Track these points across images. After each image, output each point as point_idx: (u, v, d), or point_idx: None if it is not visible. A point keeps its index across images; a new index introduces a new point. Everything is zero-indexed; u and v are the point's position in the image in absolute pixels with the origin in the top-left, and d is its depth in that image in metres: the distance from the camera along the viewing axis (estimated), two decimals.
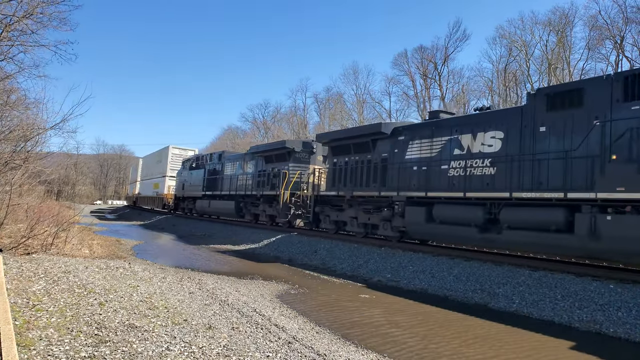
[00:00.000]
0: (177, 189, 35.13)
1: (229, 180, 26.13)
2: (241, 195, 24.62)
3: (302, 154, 21.16)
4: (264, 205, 22.45)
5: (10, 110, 13.84)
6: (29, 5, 12.28)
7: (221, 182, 27.01)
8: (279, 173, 21.15)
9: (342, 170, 17.17)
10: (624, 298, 8.41)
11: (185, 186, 32.65)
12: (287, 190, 20.07)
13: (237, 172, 25.60)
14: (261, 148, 24.07)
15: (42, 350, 4.43)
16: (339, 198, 17.22)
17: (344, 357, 5.68)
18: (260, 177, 22.84)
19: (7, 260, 9.20)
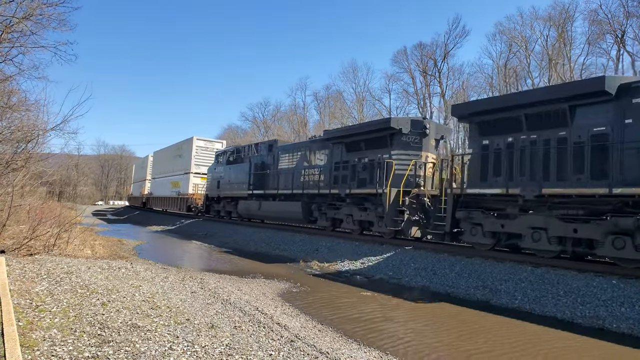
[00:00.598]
0: (209, 188, 29.15)
1: (289, 175, 20.66)
2: (310, 194, 19.21)
3: (411, 137, 15.46)
4: (351, 207, 16.82)
5: (11, 112, 13.86)
6: (28, 7, 12.28)
7: (276, 178, 21.62)
8: (373, 164, 15.98)
9: (504, 156, 11.91)
10: (627, 293, 8.41)
11: (222, 184, 27.00)
12: (396, 188, 14.59)
13: (299, 165, 20.25)
14: (341, 132, 18.44)
15: (45, 350, 4.44)
16: (503, 199, 11.86)
17: (347, 354, 5.69)
18: (339, 170, 17.61)
19: (9, 262, 9.22)
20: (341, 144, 17.89)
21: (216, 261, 15.42)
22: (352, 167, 17.05)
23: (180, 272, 11.36)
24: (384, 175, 15.01)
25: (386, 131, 15.53)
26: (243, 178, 24.33)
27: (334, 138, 18.23)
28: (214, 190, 28.31)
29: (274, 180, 21.73)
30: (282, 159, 21.79)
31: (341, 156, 17.79)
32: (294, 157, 20.99)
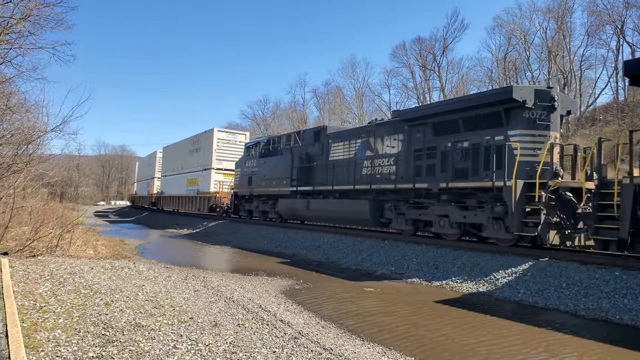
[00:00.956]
0: (238, 185, 25.10)
1: (345, 168, 16.86)
2: (380, 190, 15.43)
3: (536, 112, 11.72)
4: (447, 206, 13.05)
5: (10, 113, 13.87)
6: (26, 8, 12.27)
7: (327, 171, 17.76)
8: (478, 150, 12.35)
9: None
10: (629, 285, 8.40)
11: (255, 180, 23.10)
12: (524, 180, 11.07)
13: (359, 155, 16.45)
14: (424, 110, 14.76)
15: (50, 351, 4.45)
16: None
17: (350, 350, 5.70)
18: (422, 159, 13.75)
19: (13, 263, 9.25)
20: (423, 125, 13.93)
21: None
22: (442, 154, 13.27)
23: (183, 271, 11.38)
24: (504, 163, 11.23)
25: (501, 105, 11.79)
26: (283, 172, 20.45)
27: (414, 119, 14.25)
28: (244, 188, 24.29)
29: (325, 174, 18.05)
30: (335, 148, 17.90)
31: (424, 141, 13.86)
32: (351, 146, 17.09)
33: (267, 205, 22.56)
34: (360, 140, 16.64)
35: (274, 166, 21.46)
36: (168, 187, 39.72)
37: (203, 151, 32.08)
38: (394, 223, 14.92)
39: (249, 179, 23.71)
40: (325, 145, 18.56)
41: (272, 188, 21.55)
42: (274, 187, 21.28)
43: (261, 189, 22.60)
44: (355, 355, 5.49)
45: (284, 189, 20.39)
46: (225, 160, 30.26)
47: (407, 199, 14.50)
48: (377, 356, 5.68)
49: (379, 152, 15.71)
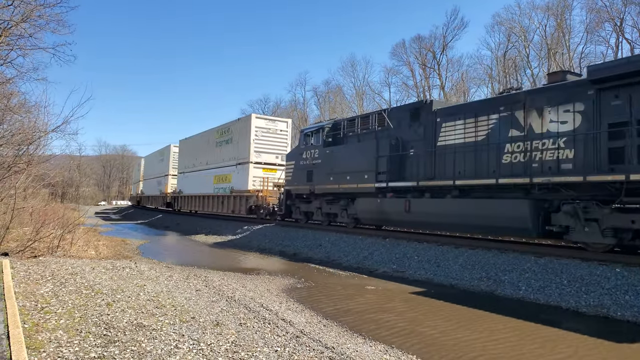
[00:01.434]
0: (292, 181, 20.25)
1: (475, 154, 12.43)
2: (548, 186, 10.76)
3: None
4: None
5: (11, 114, 13.87)
6: (26, 9, 12.27)
7: (441, 161, 13.47)
8: None
9: None
10: (631, 281, 8.40)
11: (317, 175, 18.29)
12: None
13: (497, 135, 11.97)
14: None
15: (51, 352, 4.45)
16: None
17: (352, 349, 5.70)
18: (627, 138, 9.37)
19: (14, 264, 9.26)
20: (631, 86, 9.37)
21: None
22: None
23: (184, 270, 11.39)
24: None
25: None
26: (362, 164, 15.82)
27: (611, 78, 9.62)
28: (301, 185, 19.38)
29: (431, 164, 13.70)
30: (448, 129, 13.33)
31: (631, 111, 9.33)
32: (478, 125, 12.47)
33: (335, 206, 17.76)
34: (498, 116, 11.99)
35: (348, 156, 16.80)
36: (188, 185, 34.38)
37: (236, 142, 26.98)
38: (574, 233, 10.24)
39: (308, 174, 18.77)
40: (430, 126, 13.96)
41: (344, 184, 16.62)
42: (348, 183, 16.45)
43: (327, 186, 17.58)
44: (357, 354, 5.49)
45: (365, 185, 15.74)
46: (265, 153, 25.48)
47: (598, 197, 9.87)
48: (379, 354, 5.68)
49: (536, 130, 11.10)
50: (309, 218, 19.89)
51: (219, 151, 29.47)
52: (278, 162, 25.43)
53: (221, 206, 28.01)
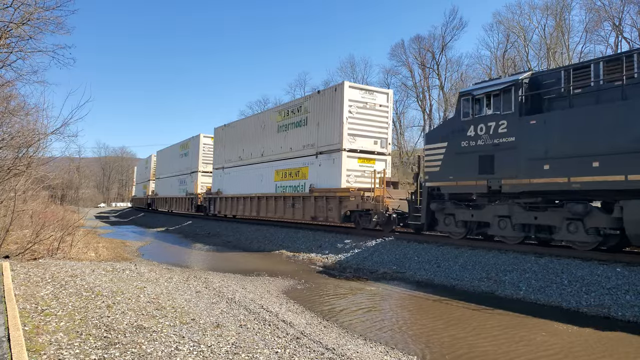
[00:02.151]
0: (444, 172, 12.97)
1: None
2: None
3: None
4: None
5: (10, 116, 13.86)
6: (25, 12, 12.27)
7: None
8: None
9: None
10: (631, 281, 8.40)
11: (507, 161, 11.24)
12: None
13: None
14: None
15: (52, 354, 4.45)
16: None
17: (353, 350, 5.70)
18: None
19: (14, 266, 9.25)
20: None
21: None
22: None
23: (184, 272, 11.38)
24: None
25: None
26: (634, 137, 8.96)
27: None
28: (463, 178, 12.41)
29: None
30: None
31: None
32: None
33: (550, 215, 10.79)
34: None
35: (593, 127, 9.63)
36: (231, 184, 27.18)
37: (315, 124, 19.34)
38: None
39: (483, 161, 11.86)
40: None
41: (586, 177, 9.66)
42: (596, 175, 9.52)
43: (537, 180, 10.65)
44: (358, 355, 5.48)
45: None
46: (361, 137, 17.93)
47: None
48: (379, 355, 5.68)
49: None
50: (469, 231, 12.95)
51: (284, 138, 21.96)
52: (378, 149, 18.29)
53: (291, 210, 20.52)
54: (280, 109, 22.93)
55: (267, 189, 22.85)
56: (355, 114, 17.73)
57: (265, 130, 23.89)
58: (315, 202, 18.75)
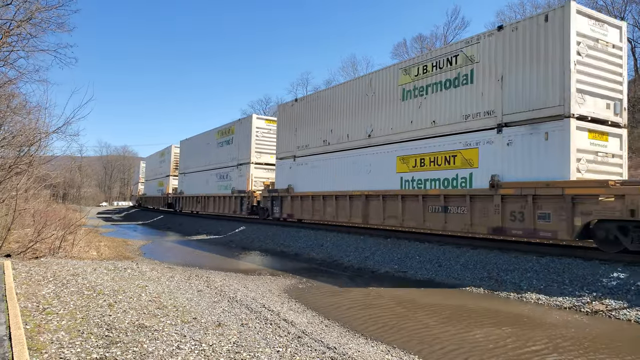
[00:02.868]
0: None
1: None
2: None
3: None
4: None
5: (12, 115, 13.89)
6: (27, 10, 12.29)
7: None
8: None
9: None
10: (633, 281, 8.38)
11: None
12: None
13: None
14: None
15: (53, 353, 4.45)
16: None
17: (354, 349, 5.69)
18: None
19: (15, 265, 9.26)
20: None
21: None
22: None
23: (186, 271, 11.39)
24: None
25: None
26: None
27: None
28: None
29: None
30: None
31: None
32: None
33: None
34: None
35: None
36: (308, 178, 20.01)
37: (494, 78, 12.21)
38: None
39: None
40: None
41: None
42: None
43: None
44: (359, 354, 5.48)
45: None
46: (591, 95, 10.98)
47: None
48: (380, 354, 5.67)
49: None
50: None
51: (417, 107, 14.58)
52: (611, 117, 11.43)
53: (441, 217, 13.24)
54: (415, 63, 14.87)
55: (381, 184, 15.74)
56: (584, 57, 10.87)
57: (375, 98, 16.48)
58: (504, 206, 11.57)
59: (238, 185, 26.86)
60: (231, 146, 28.54)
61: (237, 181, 27.04)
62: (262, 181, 25.32)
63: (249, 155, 25.99)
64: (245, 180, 25.95)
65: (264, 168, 25.99)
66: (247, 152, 26.22)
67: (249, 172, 25.84)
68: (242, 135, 27.22)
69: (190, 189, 34.55)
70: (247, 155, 26.20)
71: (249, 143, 26.08)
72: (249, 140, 26.17)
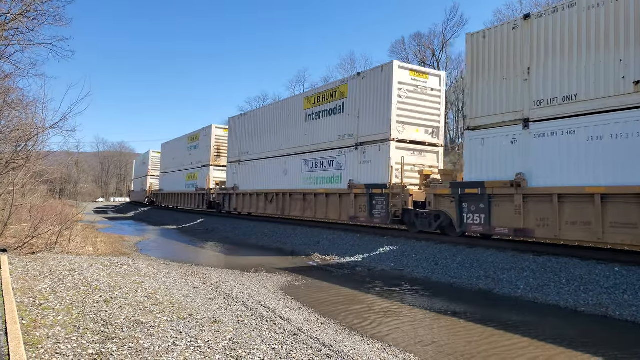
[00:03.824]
0: None
1: None
2: None
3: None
4: None
5: (9, 110, 13.83)
6: (24, 3, 12.22)
7: None
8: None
9: None
10: (630, 280, 8.41)
11: None
12: None
13: None
14: None
15: (49, 348, 4.45)
16: None
17: (350, 347, 5.70)
18: None
19: (12, 260, 9.24)
20: None
21: None
22: None
23: (182, 267, 11.38)
24: None
25: None
26: None
27: None
28: None
29: None
30: None
31: None
32: None
33: None
34: None
35: None
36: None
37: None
38: None
39: None
40: None
41: None
42: None
43: None
44: (355, 352, 5.49)
45: None
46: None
47: None
48: (376, 352, 5.68)
49: None
50: None
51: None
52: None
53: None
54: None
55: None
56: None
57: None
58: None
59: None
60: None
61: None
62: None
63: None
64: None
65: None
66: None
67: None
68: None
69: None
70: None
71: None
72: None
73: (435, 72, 16.76)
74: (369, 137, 15.99)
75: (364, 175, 16.14)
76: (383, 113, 15.40)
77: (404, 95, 15.27)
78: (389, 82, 15.21)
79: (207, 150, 31.04)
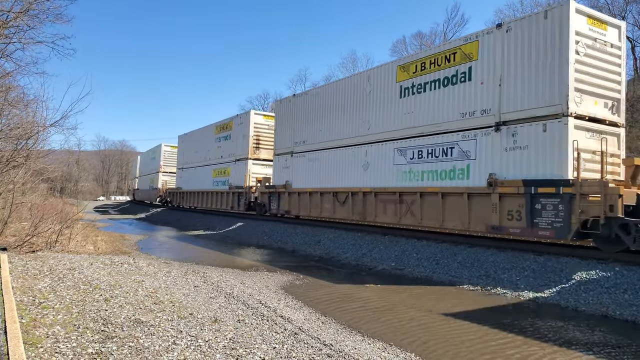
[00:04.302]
0: None
1: None
2: None
3: None
4: None
5: (10, 108, 13.82)
6: (25, 1, 12.21)
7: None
8: None
9: None
10: (630, 280, 8.39)
11: None
12: None
13: None
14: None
15: (49, 347, 4.43)
16: None
17: (350, 346, 5.68)
18: None
19: (12, 259, 9.23)
20: None
21: None
22: None
23: (182, 266, 11.37)
24: None
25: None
26: None
27: None
28: None
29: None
30: None
31: None
32: None
33: None
34: None
35: None
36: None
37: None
38: None
39: None
40: None
41: None
42: None
43: None
44: (356, 351, 5.47)
45: None
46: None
47: None
48: (377, 352, 5.67)
49: None
50: None
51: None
52: None
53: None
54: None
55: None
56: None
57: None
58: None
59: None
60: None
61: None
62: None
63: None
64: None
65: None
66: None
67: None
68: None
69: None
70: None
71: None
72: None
73: (615, 21, 12.18)
74: (523, 113, 11.31)
75: (514, 168, 11.35)
76: (551, 77, 10.78)
77: (581, 51, 10.75)
78: (561, 31, 10.67)
79: (244, 140, 26.04)
